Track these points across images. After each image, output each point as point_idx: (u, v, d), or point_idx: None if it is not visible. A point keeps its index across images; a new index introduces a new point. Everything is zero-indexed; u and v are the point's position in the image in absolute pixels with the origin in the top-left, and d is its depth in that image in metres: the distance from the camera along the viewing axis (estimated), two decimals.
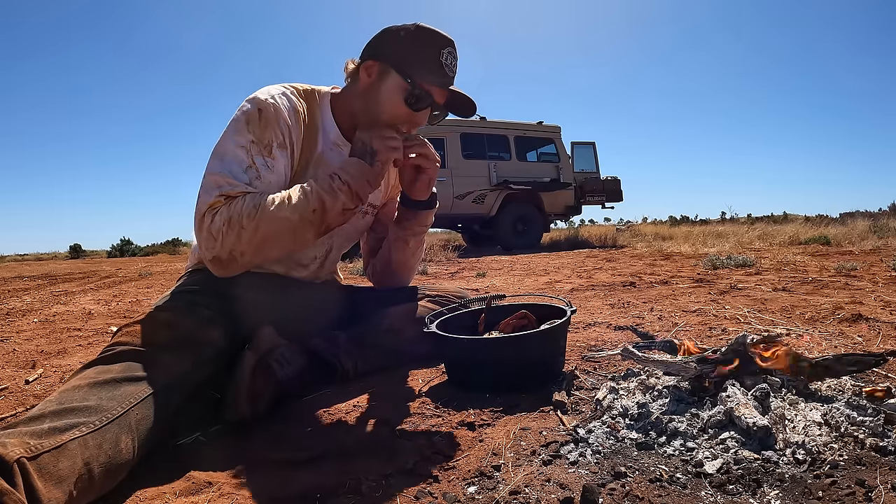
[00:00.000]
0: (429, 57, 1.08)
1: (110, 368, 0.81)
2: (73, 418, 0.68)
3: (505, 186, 7.89)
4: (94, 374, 0.79)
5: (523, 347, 1.05)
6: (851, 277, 2.74)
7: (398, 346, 1.24)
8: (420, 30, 1.09)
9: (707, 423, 0.79)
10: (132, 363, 0.83)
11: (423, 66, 1.08)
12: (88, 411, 0.70)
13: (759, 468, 0.69)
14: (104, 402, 0.73)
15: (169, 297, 1.08)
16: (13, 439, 0.61)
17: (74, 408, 0.70)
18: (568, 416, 0.91)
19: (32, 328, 2.23)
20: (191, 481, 0.74)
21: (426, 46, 1.08)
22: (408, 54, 1.08)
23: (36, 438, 0.63)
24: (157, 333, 0.91)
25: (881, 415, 0.80)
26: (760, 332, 1.49)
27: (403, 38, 1.08)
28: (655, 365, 0.97)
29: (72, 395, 0.73)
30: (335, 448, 0.84)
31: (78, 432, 0.67)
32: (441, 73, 1.09)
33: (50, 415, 0.68)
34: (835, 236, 6.53)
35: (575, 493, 0.65)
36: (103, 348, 0.90)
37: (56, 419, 0.67)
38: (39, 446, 0.61)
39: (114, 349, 0.86)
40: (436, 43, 1.08)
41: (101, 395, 0.74)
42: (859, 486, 0.64)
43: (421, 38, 1.08)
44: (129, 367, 0.82)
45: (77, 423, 0.68)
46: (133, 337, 0.90)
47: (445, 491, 0.68)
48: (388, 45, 1.09)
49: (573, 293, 2.62)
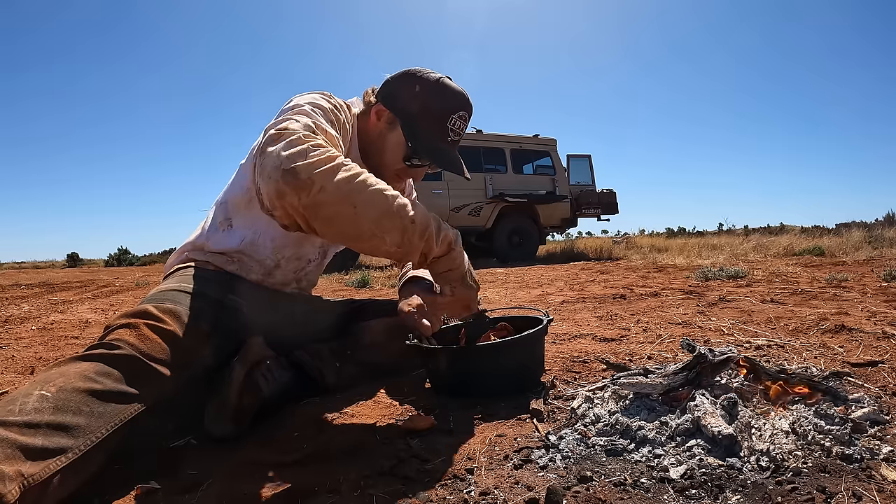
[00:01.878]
0: (436, 121, 1.07)
1: (110, 373, 0.81)
2: (64, 439, 0.71)
3: (501, 199, 7.94)
4: (95, 374, 0.80)
5: (500, 356, 1.09)
6: (841, 288, 2.77)
7: (380, 359, 1.26)
8: (439, 87, 1.07)
9: (675, 430, 0.82)
10: (131, 375, 0.83)
11: (427, 130, 1.08)
12: (78, 431, 0.73)
13: (722, 474, 0.71)
14: (93, 420, 0.75)
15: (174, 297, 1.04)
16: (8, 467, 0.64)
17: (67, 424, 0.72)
18: (544, 423, 0.94)
19: (31, 335, 2.26)
20: (182, 482, 0.78)
21: (437, 109, 1.07)
22: (417, 114, 1.07)
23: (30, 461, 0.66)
24: (164, 347, 0.91)
25: (848, 424, 0.82)
26: (742, 343, 1.52)
27: (418, 94, 1.07)
28: (625, 387, 0.98)
29: (69, 398, 0.75)
30: (319, 451, 0.87)
31: (65, 458, 0.70)
32: (444, 138, 1.09)
33: (45, 426, 0.70)
34: (829, 247, 6.56)
35: (540, 494, 0.68)
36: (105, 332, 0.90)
37: (50, 434, 0.70)
38: (31, 480, 0.65)
39: (120, 348, 0.86)
40: (448, 107, 1.08)
41: (94, 408, 0.76)
42: (820, 492, 0.66)
43: (435, 98, 1.07)
44: (126, 379, 0.82)
45: (65, 448, 0.71)
46: (142, 341, 0.89)
47: (420, 491, 0.72)
48: (403, 97, 1.09)
49: (563, 305, 2.65)
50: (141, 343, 0.88)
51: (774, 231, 13.50)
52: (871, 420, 0.86)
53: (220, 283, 1.13)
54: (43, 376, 0.79)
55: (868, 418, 0.86)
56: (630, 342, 1.63)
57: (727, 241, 8.99)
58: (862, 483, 0.68)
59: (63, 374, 0.79)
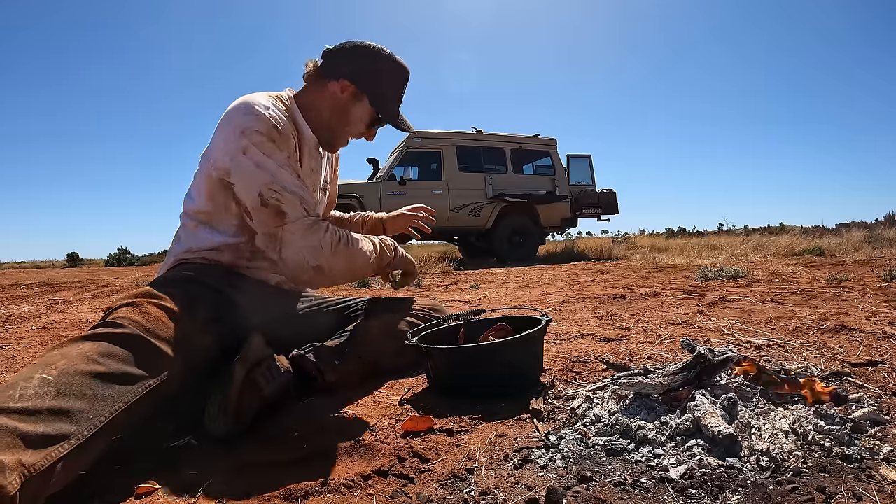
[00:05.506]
0: (397, 91, 1.26)
1: (113, 353, 0.81)
2: (66, 424, 0.69)
3: (501, 199, 7.94)
4: (98, 355, 0.79)
5: (499, 356, 1.09)
6: (841, 288, 2.77)
7: (380, 358, 1.27)
8: (392, 62, 1.23)
9: (675, 430, 0.82)
10: (136, 354, 0.83)
11: (392, 100, 1.25)
12: (80, 416, 0.71)
13: (722, 474, 0.71)
14: (97, 403, 0.74)
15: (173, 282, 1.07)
16: (7, 457, 0.62)
17: (69, 409, 0.71)
18: (544, 423, 0.94)
19: (31, 335, 2.25)
20: (182, 482, 0.78)
21: (396, 81, 1.25)
22: (382, 88, 1.23)
23: (31, 449, 0.64)
24: (168, 326, 0.91)
25: (848, 424, 0.82)
26: (741, 343, 1.52)
27: (380, 70, 1.22)
28: (625, 387, 0.98)
29: (71, 381, 0.74)
30: (319, 451, 0.87)
31: (68, 445, 0.68)
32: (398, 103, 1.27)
33: (46, 412, 0.69)
34: (829, 247, 6.56)
35: (540, 494, 0.68)
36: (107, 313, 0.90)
37: (51, 420, 0.68)
38: (32, 469, 0.63)
39: (124, 327, 0.85)
40: (402, 77, 1.26)
41: (97, 391, 0.75)
42: (820, 492, 0.66)
43: (394, 72, 1.24)
44: (130, 360, 0.82)
45: (67, 434, 0.69)
46: (146, 319, 0.89)
47: (420, 491, 0.72)
48: (366, 73, 1.21)
49: (563, 305, 2.65)
50: (145, 320, 0.88)
51: (774, 231, 13.49)
52: (871, 420, 0.86)
53: (217, 275, 1.14)
54: (45, 358, 0.77)
55: (868, 418, 0.86)
56: (630, 342, 1.63)
57: (727, 241, 8.99)
58: (862, 483, 0.68)
59: (65, 355, 0.77)
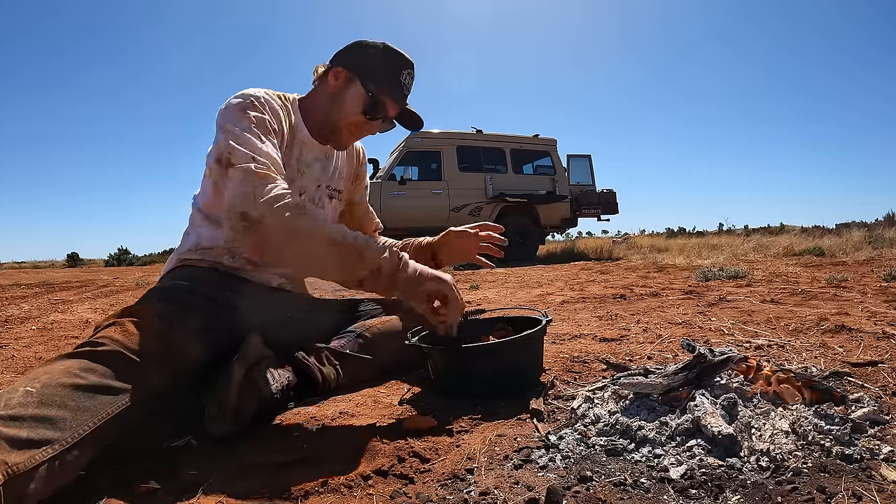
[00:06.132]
0: (390, 75, 1.21)
1: (94, 369, 0.83)
2: (49, 431, 0.72)
3: (501, 199, 7.95)
4: (79, 370, 0.81)
5: (499, 356, 1.09)
6: (841, 288, 2.77)
7: (380, 359, 1.27)
8: (387, 49, 1.21)
9: (675, 430, 0.82)
10: (116, 370, 0.85)
11: (383, 82, 1.21)
12: (64, 424, 0.74)
13: (722, 474, 0.71)
14: (79, 414, 0.76)
15: (166, 293, 1.09)
16: None
17: (52, 417, 0.73)
18: (544, 423, 0.94)
19: (31, 335, 2.26)
20: (182, 482, 0.78)
21: (389, 65, 1.21)
22: (372, 69, 1.20)
23: (15, 450, 0.67)
24: (150, 342, 0.92)
25: (848, 424, 0.82)
26: (741, 343, 1.52)
27: (372, 54, 1.21)
28: (625, 387, 0.99)
29: (54, 392, 0.76)
30: (319, 451, 0.87)
31: (51, 450, 0.71)
32: (398, 90, 1.22)
33: (30, 419, 0.71)
34: (829, 247, 6.56)
35: (540, 494, 0.68)
36: (94, 332, 0.92)
37: (34, 426, 0.71)
38: (15, 468, 0.66)
39: (104, 345, 0.87)
40: (398, 64, 1.21)
41: (79, 403, 0.77)
42: (820, 492, 0.66)
43: (386, 57, 1.21)
44: (111, 374, 0.84)
45: (51, 440, 0.71)
46: (126, 337, 0.91)
47: (419, 491, 0.72)
48: (358, 58, 1.21)
49: (563, 305, 2.65)
50: (125, 339, 0.90)
51: (774, 231, 13.49)
52: (871, 420, 0.86)
53: (215, 280, 1.15)
54: (30, 374, 0.81)
55: (868, 418, 0.86)
56: (630, 342, 1.63)
57: (727, 241, 8.99)
58: (862, 483, 0.68)
59: (48, 371, 0.81)
